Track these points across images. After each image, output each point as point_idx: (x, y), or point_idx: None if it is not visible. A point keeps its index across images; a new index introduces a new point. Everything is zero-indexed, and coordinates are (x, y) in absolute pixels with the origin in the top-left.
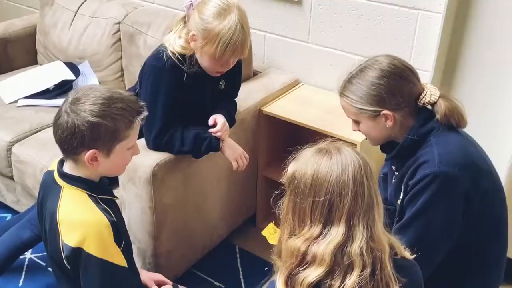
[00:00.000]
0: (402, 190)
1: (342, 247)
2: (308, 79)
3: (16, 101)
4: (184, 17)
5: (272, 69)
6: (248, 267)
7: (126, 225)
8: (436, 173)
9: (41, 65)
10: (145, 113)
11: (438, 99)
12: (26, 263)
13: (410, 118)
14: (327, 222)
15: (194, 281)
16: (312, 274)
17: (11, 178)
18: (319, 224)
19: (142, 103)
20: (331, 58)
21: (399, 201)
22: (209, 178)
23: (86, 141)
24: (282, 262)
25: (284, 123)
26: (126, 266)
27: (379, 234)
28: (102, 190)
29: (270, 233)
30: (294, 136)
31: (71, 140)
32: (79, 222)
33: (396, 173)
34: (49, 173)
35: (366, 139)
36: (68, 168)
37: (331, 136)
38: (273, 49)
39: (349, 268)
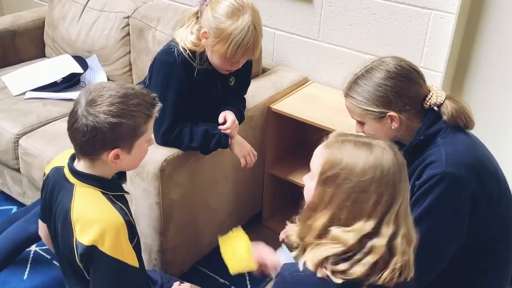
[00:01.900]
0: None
1: (390, 241)
2: (317, 77)
3: (24, 93)
4: (197, 12)
5: (281, 67)
6: None
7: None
8: (443, 173)
9: (49, 58)
10: (159, 104)
11: (444, 101)
12: (31, 256)
13: (416, 120)
14: (383, 219)
15: (199, 278)
16: (361, 268)
17: (18, 170)
18: (374, 220)
19: (153, 94)
20: (341, 57)
21: None
22: (216, 175)
23: (108, 142)
24: (313, 246)
25: (292, 120)
26: (138, 266)
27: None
28: (114, 187)
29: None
30: (302, 134)
31: (93, 142)
32: (95, 220)
33: None
34: (58, 170)
35: None
36: (82, 166)
37: None
38: (282, 47)
39: (391, 257)
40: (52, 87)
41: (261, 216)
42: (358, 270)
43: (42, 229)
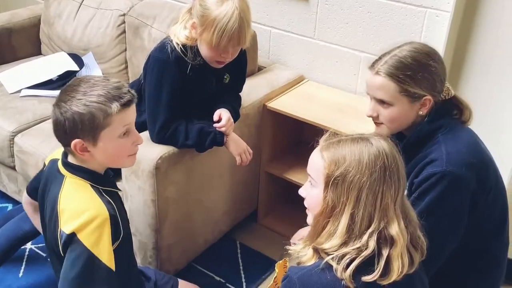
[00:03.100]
0: (406, 188)
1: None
2: (313, 75)
3: (20, 91)
4: (190, 8)
5: (277, 65)
6: (249, 262)
7: (128, 218)
8: (443, 172)
9: (45, 55)
10: (128, 97)
11: (454, 94)
12: (26, 253)
13: (429, 112)
14: (395, 208)
15: (195, 275)
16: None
17: (13, 168)
18: (391, 211)
19: (126, 89)
20: (337, 55)
21: None
22: (211, 173)
23: (68, 132)
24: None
25: (288, 119)
26: (113, 268)
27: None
28: (105, 182)
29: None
30: (297, 132)
31: (58, 132)
32: (80, 210)
33: None
34: (54, 162)
35: (377, 126)
36: (71, 158)
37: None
38: (278, 45)
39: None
40: (47, 84)
41: (257, 214)
42: (395, 266)
43: (28, 203)
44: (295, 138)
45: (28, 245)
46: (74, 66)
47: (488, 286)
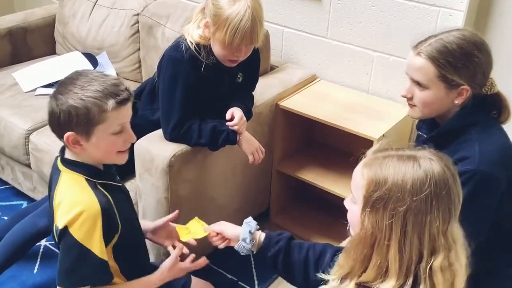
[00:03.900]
0: None
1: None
2: (326, 75)
3: (35, 89)
4: (203, 8)
5: (290, 64)
6: (260, 261)
7: (141, 215)
8: (475, 171)
9: (59, 55)
10: (124, 95)
11: (498, 91)
12: (41, 250)
13: (465, 104)
14: (445, 238)
15: (207, 273)
16: None
17: (28, 166)
18: (440, 244)
19: (124, 87)
20: (350, 54)
21: None
22: (224, 171)
23: (62, 124)
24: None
25: (300, 118)
26: (105, 259)
27: None
28: (102, 176)
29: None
30: (309, 132)
31: (52, 124)
32: (71, 204)
33: None
34: (56, 158)
35: (410, 107)
36: (67, 154)
37: (347, 132)
38: (291, 44)
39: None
40: None
41: (269, 212)
42: None
43: None
44: (307, 137)
45: (43, 242)
46: (88, 65)
47: None
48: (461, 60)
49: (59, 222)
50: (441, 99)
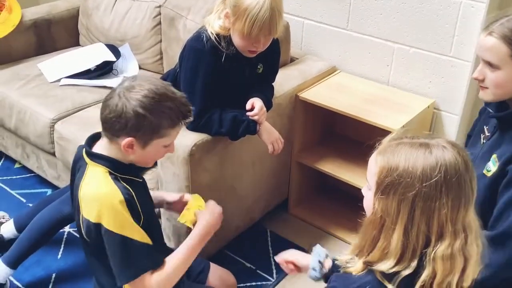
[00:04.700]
0: (497, 168)
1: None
2: (345, 67)
3: (59, 80)
4: None
5: (310, 56)
6: (279, 250)
7: None
8: None
9: (83, 46)
10: (191, 118)
11: None
12: (65, 236)
13: None
14: (454, 228)
15: (226, 261)
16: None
17: (53, 154)
18: (448, 232)
19: (190, 107)
20: (370, 46)
21: (486, 172)
22: (244, 161)
23: (128, 128)
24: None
25: (320, 109)
26: (146, 241)
27: None
28: (125, 170)
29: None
30: (329, 123)
31: (115, 122)
32: (94, 196)
33: (488, 135)
34: (80, 148)
35: (481, 90)
36: (99, 145)
37: (367, 124)
38: (311, 36)
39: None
40: (86, 74)
41: (288, 203)
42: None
43: None
44: (327, 128)
45: (67, 229)
46: (111, 57)
47: None
48: None
49: (89, 215)
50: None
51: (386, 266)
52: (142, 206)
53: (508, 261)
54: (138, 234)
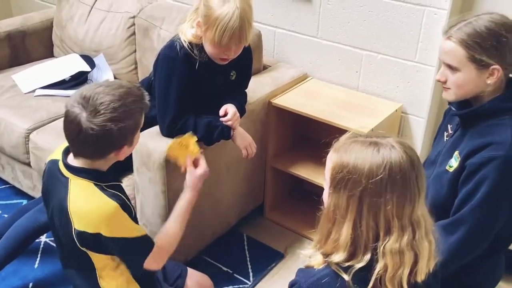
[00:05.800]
0: (458, 164)
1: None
2: (317, 73)
3: (34, 90)
4: (197, 8)
5: (282, 63)
6: (255, 254)
7: (139, 209)
8: (505, 157)
9: (57, 57)
10: (146, 93)
11: None
12: (41, 246)
13: (500, 86)
14: (400, 223)
15: (203, 266)
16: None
17: (28, 164)
18: (394, 227)
19: (137, 85)
20: (339, 53)
21: (448, 167)
22: (219, 166)
23: (116, 143)
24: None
25: (293, 115)
26: (145, 232)
27: None
28: (107, 178)
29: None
30: (302, 128)
31: (102, 148)
32: (88, 210)
33: (451, 133)
34: (54, 163)
35: (445, 91)
36: (78, 163)
37: (338, 128)
38: (283, 44)
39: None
40: (60, 84)
41: (263, 208)
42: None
43: None
44: (299, 134)
45: (43, 238)
46: (86, 67)
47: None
48: (488, 40)
49: (83, 226)
50: (473, 80)
51: (337, 258)
52: (130, 202)
53: (462, 245)
54: (136, 231)
